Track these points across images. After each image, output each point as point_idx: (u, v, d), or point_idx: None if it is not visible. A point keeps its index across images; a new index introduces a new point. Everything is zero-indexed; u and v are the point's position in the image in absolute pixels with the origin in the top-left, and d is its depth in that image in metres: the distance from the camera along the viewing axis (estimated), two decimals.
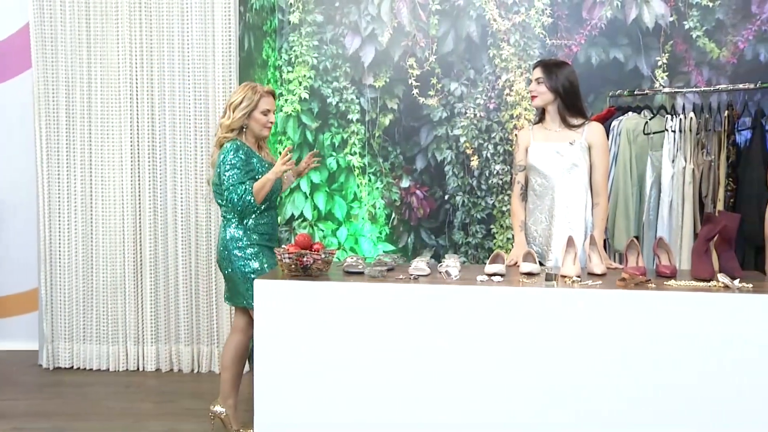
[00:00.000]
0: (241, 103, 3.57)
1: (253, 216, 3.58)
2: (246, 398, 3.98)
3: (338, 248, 5.35)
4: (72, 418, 4.00)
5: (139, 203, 4.76)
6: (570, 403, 2.91)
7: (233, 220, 3.59)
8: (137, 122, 4.73)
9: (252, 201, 3.49)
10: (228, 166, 3.49)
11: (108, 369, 4.81)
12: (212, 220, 4.73)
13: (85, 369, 4.82)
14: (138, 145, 4.74)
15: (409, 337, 2.97)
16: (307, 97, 5.41)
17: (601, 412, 2.90)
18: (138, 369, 4.83)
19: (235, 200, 3.48)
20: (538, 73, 3.56)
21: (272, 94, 3.65)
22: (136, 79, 4.71)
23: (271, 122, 3.63)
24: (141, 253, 4.79)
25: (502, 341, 2.93)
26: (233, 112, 3.58)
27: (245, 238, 3.57)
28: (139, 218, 4.77)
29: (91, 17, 4.69)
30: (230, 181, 3.48)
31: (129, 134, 4.72)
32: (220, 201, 3.61)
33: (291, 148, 3.49)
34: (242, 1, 4.82)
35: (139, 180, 4.76)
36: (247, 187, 3.48)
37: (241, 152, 3.52)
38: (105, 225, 4.76)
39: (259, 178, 3.53)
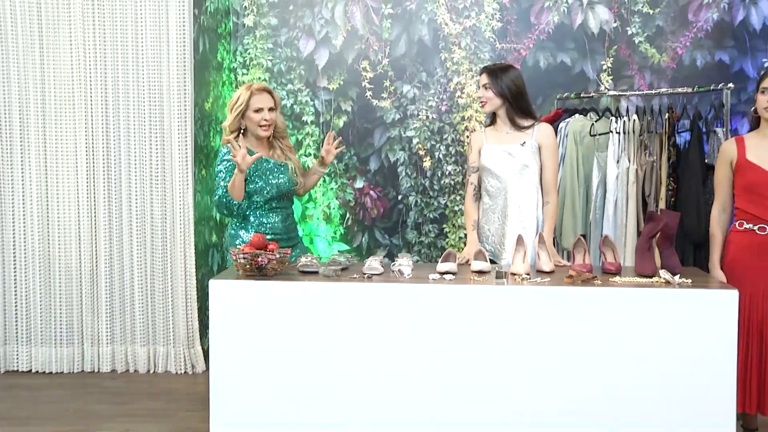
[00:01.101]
0: (235, 103, 3.50)
1: (257, 215, 3.54)
2: (202, 398, 3.94)
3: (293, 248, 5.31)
4: (25, 422, 3.89)
5: (94, 204, 4.67)
6: (521, 398, 2.93)
7: (234, 220, 3.57)
8: (92, 124, 4.64)
9: (231, 200, 3.43)
10: (217, 170, 3.48)
11: (62, 371, 4.70)
12: (167, 221, 4.66)
13: (38, 372, 4.70)
14: (92, 147, 4.65)
15: (362, 335, 2.97)
16: None
17: (550, 406, 2.93)
18: (93, 370, 4.73)
19: (216, 202, 3.47)
20: (484, 79, 3.58)
21: (266, 90, 3.53)
22: (90, 81, 4.62)
23: (266, 119, 3.49)
24: (96, 254, 4.69)
25: (453, 338, 2.94)
26: (230, 113, 3.52)
27: (244, 236, 3.52)
28: (94, 220, 4.68)
29: (42, 18, 4.58)
30: (215, 183, 3.47)
31: (84, 136, 4.63)
32: None
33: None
34: (197, 3, 4.75)
35: (94, 181, 4.67)
36: (225, 186, 3.43)
37: (227, 154, 3.44)
38: (60, 227, 4.66)
39: (251, 179, 3.48)
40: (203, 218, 4.97)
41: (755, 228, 3.24)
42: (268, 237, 3.51)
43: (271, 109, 3.53)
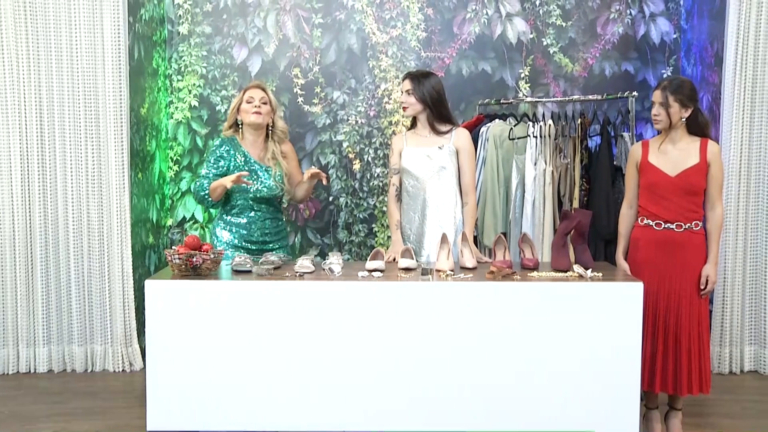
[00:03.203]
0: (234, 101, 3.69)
1: (233, 214, 3.64)
2: (139, 395, 3.83)
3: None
4: None
5: (29, 208, 4.48)
6: (447, 391, 2.95)
7: (218, 212, 3.73)
8: (26, 129, 4.45)
9: (206, 197, 3.57)
10: (206, 158, 3.67)
11: None
12: (104, 224, 4.51)
13: None
14: (27, 151, 4.45)
15: (295, 332, 2.93)
16: (196, 104, 5.26)
17: (475, 397, 2.95)
18: (29, 371, 4.54)
19: (193, 190, 3.63)
20: (407, 84, 3.59)
21: (259, 87, 3.66)
22: (24, 86, 4.43)
23: (256, 107, 3.59)
24: (32, 255, 4.50)
25: (382, 333, 2.93)
26: (229, 111, 3.71)
27: (217, 233, 3.66)
28: (30, 223, 4.48)
29: None
30: (199, 171, 3.67)
31: (18, 140, 4.43)
32: None
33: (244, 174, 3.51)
34: (132, 11, 4.62)
35: (29, 185, 4.47)
36: (205, 182, 3.56)
37: (218, 147, 3.64)
38: None
39: (230, 173, 3.58)
40: (140, 220, 4.84)
41: (653, 224, 3.35)
42: (239, 236, 3.63)
43: (263, 102, 3.63)
